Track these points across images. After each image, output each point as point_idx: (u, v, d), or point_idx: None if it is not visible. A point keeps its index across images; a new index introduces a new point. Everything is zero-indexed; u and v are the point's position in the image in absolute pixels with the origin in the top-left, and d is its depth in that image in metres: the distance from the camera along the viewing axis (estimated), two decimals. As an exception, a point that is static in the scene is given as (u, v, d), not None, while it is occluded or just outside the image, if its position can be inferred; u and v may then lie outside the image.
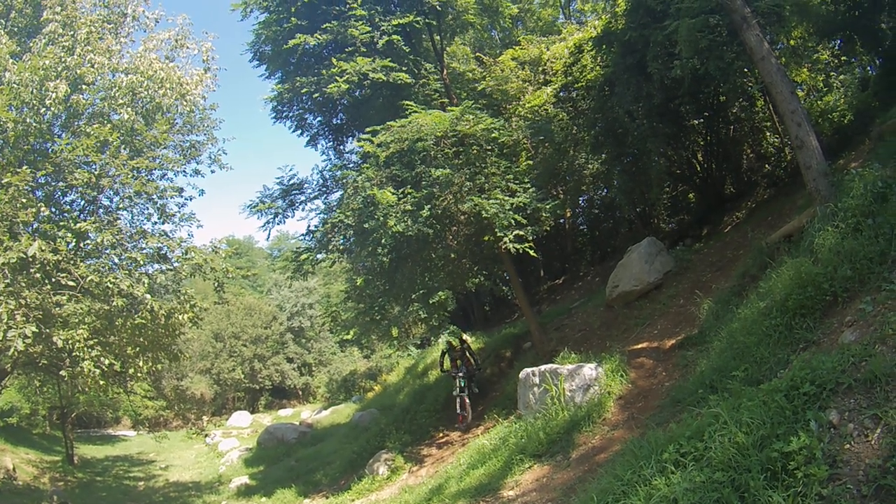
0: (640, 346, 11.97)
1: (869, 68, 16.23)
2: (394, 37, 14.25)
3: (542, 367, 11.39)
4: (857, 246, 7.05)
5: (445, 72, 15.92)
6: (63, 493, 19.85)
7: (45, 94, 11.81)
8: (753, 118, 16.57)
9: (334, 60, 14.37)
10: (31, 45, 12.84)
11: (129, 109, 12.99)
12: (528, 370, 11.74)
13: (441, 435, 15.43)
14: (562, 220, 19.57)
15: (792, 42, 15.39)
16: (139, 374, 13.73)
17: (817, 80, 16.47)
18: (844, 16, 13.93)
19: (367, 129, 13.52)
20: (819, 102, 16.01)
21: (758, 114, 16.44)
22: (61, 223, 12.12)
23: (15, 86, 11.57)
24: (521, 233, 12.76)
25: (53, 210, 12.91)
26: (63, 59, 12.32)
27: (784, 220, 11.96)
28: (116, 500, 20.48)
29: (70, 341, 10.56)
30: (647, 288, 14.34)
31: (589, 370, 10.64)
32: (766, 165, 17.24)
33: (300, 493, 15.88)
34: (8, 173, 10.90)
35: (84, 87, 13.09)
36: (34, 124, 12.04)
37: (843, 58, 15.78)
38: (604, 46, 15.96)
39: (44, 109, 12.02)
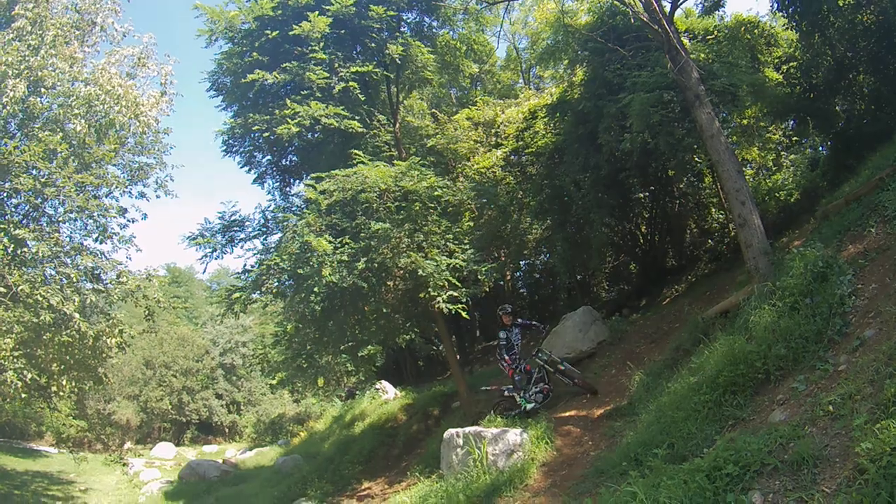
0: (568, 413, 12.04)
1: (820, 148, 16.69)
2: (351, 83, 14.35)
3: (467, 429, 11.39)
4: (792, 325, 7.25)
5: (398, 125, 16.04)
6: (-24, 504, 19.42)
7: (3, 90, 11.71)
8: (700, 194, 16.85)
9: (289, 102, 14.41)
10: None
11: (82, 121, 12.94)
12: (453, 431, 11.72)
13: (363, 487, 15.32)
14: (501, 283, 19.62)
15: (744, 121, 15.74)
16: (62, 393, 13.50)
17: (767, 158, 16.91)
18: (800, 97, 14.41)
19: (313, 175, 13.56)
20: (767, 181, 16.43)
21: (704, 190, 16.72)
22: (1, 226, 11.95)
23: None
24: (456, 293, 12.82)
25: (-6, 212, 12.77)
26: (27, 58, 12.25)
27: (723, 296, 12.15)
28: (34, 519, 19.93)
29: (-5, 348, 10.37)
30: (580, 357, 14.46)
31: (514, 435, 10.63)
32: (710, 241, 17.53)
33: (216, 533, 15.46)
34: None
35: (43, 90, 13.02)
36: None
37: (794, 138, 16.28)
38: (557, 114, 16.20)
39: (0, 107, 11.90)
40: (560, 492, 8.44)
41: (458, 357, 16.61)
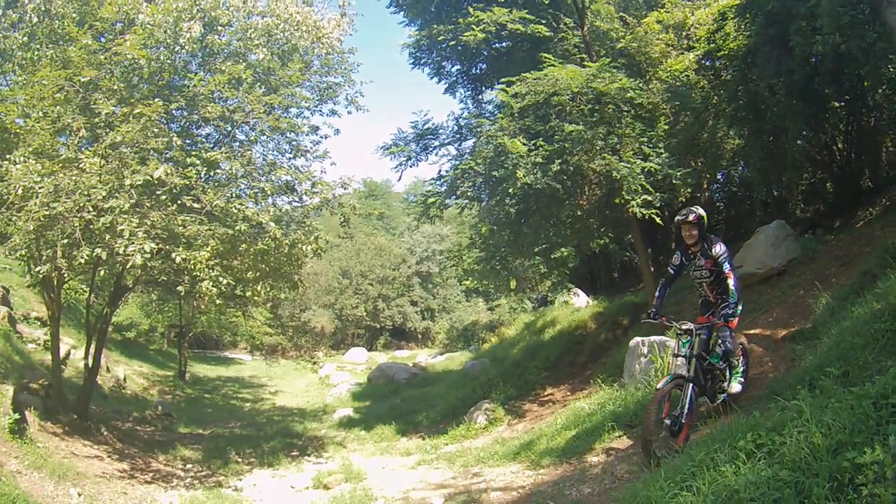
0: (752, 331, 11.53)
1: None
2: (534, -15, 14.12)
3: (653, 338, 11.27)
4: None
5: (586, 28, 15.66)
6: (168, 404, 20.71)
7: (179, 34, 12.07)
8: (895, 108, 15.62)
9: (471, 10, 14.34)
10: None
11: (264, 50, 13.17)
12: (639, 339, 11.62)
13: (546, 392, 15.43)
14: (698, 194, 19.01)
15: None
16: (257, 299, 14.07)
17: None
18: None
19: (503, 80, 13.48)
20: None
21: (901, 103, 15.47)
22: (193, 153, 12.48)
23: (149, 26, 11.89)
24: (650, 199, 12.55)
25: (187, 141, 13.21)
26: (197, 2, 12.61)
27: None
28: (219, 417, 21.20)
29: (191, 261, 10.91)
30: (770, 273, 13.84)
31: None
32: (906, 162, 16.30)
33: (399, 430, 16.12)
34: (141, 105, 11.30)
35: (219, 28, 13.35)
36: (168, 62, 12.38)
37: None
38: (748, 15, 15.30)
39: (178, 48, 12.31)
40: (732, 410, 8.21)
41: (651, 268, 16.35)
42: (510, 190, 12.43)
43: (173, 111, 12.69)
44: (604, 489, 6.61)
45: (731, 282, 8.26)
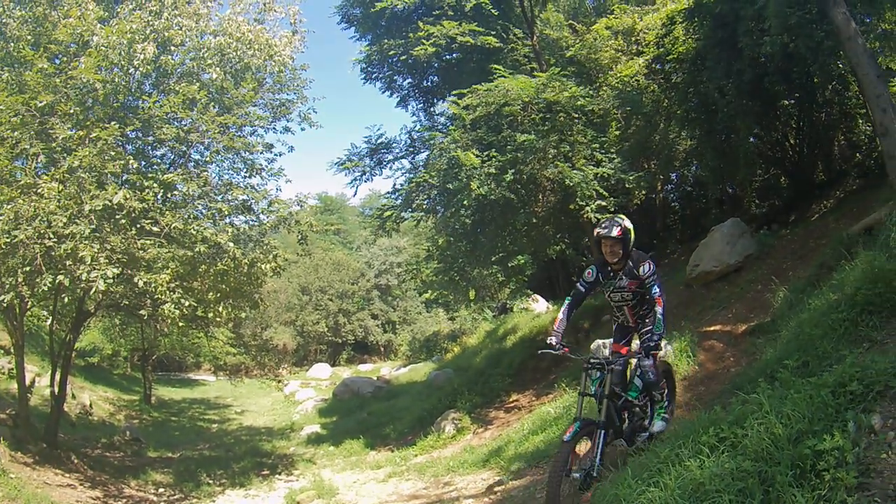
0: (712, 328, 11.84)
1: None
2: (482, 0, 14.29)
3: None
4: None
5: (535, 37, 15.93)
6: (136, 429, 20.50)
7: (133, 55, 12.02)
8: (845, 103, 15.96)
9: (421, 24, 14.52)
10: (119, 10, 13.09)
11: (217, 69, 13.14)
12: (600, 342, 11.83)
13: (511, 399, 15.58)
14: (652, 196, 19.28)
15: (886, 25, 14.77)
16: (218, 319, 14.02)
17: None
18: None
19: (455, 92, 13.65)
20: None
21: (850, 99, 15.78)
22: (149, 175, 12.45)
23: (103, 48, 11.84)
24: (604, 203, 12.75)
25: (142, 163, 13.17)
26: (150, 23, 12.59)
27: (868, 212, 11.57)
28: (188, 440, 21.08)
29: (153, 284, 10.91)
30: (727, 270, 14.07)
31: None
32: (857, 154, 16.68)
33: (367, 444, 16.16)
34: (97, 129, 11.30)
35: (172, 48, 13.33)
36: (123, 84, 12.32)
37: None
38: (696, 19, 15.62)
39: (132, 70, 12.26)
40: (698, 405, 8.35)
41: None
42: (465, 201, 12.58)
43: (128, 133, 12.67)
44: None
45: (659, 309, 7.04)
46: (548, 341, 7.27)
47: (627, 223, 7.17)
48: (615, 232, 7.03)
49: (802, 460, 4.39)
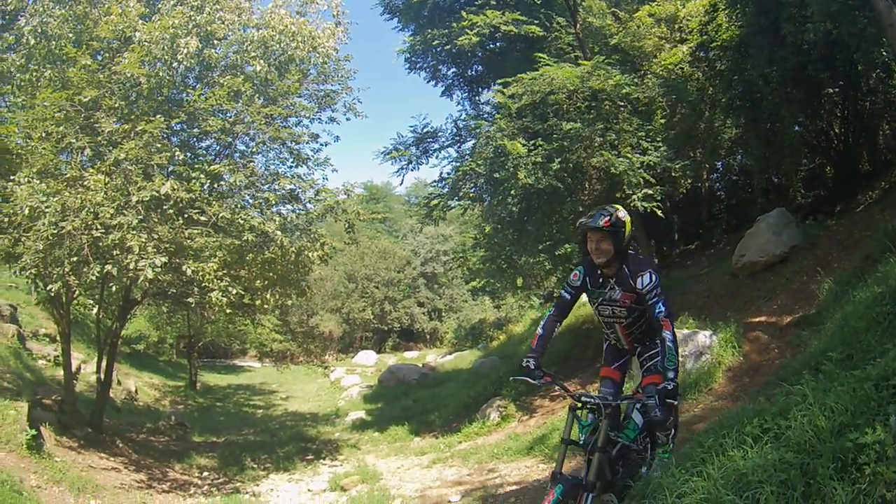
0: (757, 319, 11.74)
1: None
2: (525, -13, 14.30)
3: None
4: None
5: (578, 25, 15.84)
6: (181, 414, 20.87)
7: (176, 49, 12.18)
8: (890, 91, 15.69)
9: (464, 14, 14.52)
10: (160, 6, 13.25)
11: (261, 62, 13.25)
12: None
13: (556, 387, 15.58)
14: (698, 185, 19.13)
15: None
16: (266, 306, 14.21)
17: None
18: None
19: (500, 81, 13.66)
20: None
21: (895, 87, 15.58)
22: (196, 166, 12.63)
23: (146, 44, 11.99)
24: (651, 192, 12.69)
25: (188, 155, 13.44)
26: (193, 18, 12.73)
27: None
28: (233, 425, 21.32)
29: (201, 272, 11.09)
30: (773, 260, 13.91)
31: (703, 337, 10.59)
32: (904, 144, 16.43)
33: (412, 431, 16.27)
34: (142, 122, 11.50)
35: (215, 42, 13.47)
36: (167, 77, 12.49)
37: None
38: (738, 5, 15.43)
39: (176, 64, 12.40)
40: (743, 397, 8.28)
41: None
42: (512, 190, 12.65)
43: (174, 126, 12.86)
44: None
45: (668, 335, 5.24)
46: (524, 363, 5.67)
47: (622, 213, 5.51)
48: (601, 222, 5.40)
49: (844, 453, 4.33)
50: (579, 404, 5.52)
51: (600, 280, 5.72)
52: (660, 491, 5.31)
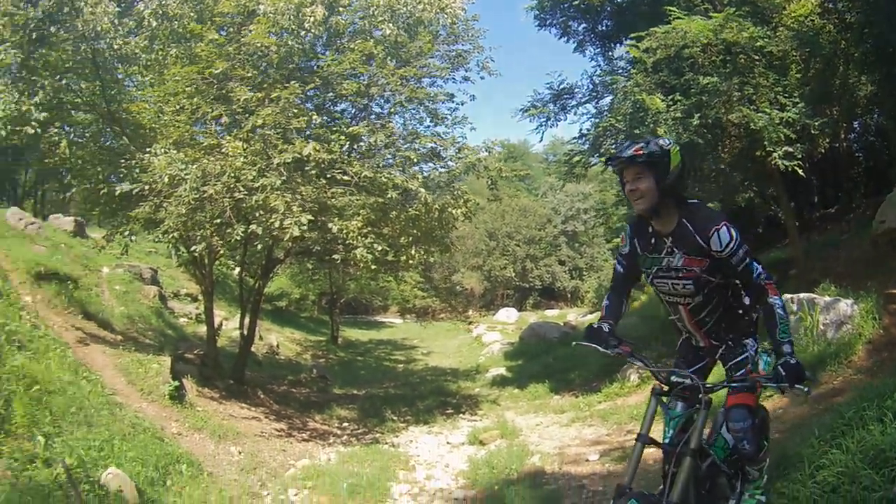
0: (899, 289, 11.24)
1: None
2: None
3: (801, 295, 10.91)
4: None
5: (708, -26, 15.43)
6: (322, 367, 21.67)
7: (302, 18, 12.47)
8: None
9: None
10: None
11: (390, 25, 13.42)
12: (787, 296, 11.47)
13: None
14: (836, 145, 18.33)
15: None
16: (410, 262, 14.49)
17: None
18: None
19: (632, 35, 13.49)
20: None
21: None
22: (334, 128, 13.07)
23: (271, 15, 12.32)
24: (791, 150, 12.37)
25: (326, 118, 13.91)
26: None
27: None
28: (373, 378, 21.93)
29: (345, 230, 11.49)
30: (921, 231, 13.26)
31: (845, 306, 10.09)
32: None
33: (552, 388, 16.27)
34: (276, 89, 11.97)
35: (340, 9, 13.78)
36: (296, 46, 12.87)
37: None
38: (871, -49, 14.63)
39: (303, 32, 12.75)
40: (881, 372, 7.99)
41: (796, 223, 16.07)
42: (653, 146, 12.47)
43: (308, 92, 13.27)
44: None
45: (776, 301, 3.92)
46: (596, 325, 4.33)
47: (663, 141, 3.98)
48: (631, 150, 3.86)
49: None
50: (667, 388, 4.13)
51: (652, 241, 4.16)
52: (799, 460, 5.30)
